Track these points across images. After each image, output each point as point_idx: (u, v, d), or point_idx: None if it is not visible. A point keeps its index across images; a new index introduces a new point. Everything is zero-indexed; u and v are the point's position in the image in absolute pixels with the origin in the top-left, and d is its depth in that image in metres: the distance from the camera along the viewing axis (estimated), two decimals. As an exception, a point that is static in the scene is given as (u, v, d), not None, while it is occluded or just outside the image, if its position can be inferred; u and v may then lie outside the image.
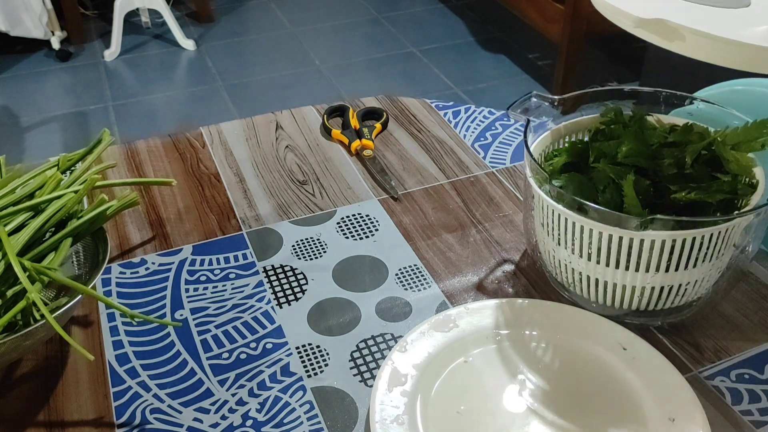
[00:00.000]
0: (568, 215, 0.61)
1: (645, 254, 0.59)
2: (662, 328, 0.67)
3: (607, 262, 0.61)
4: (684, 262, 0.60)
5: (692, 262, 0.60)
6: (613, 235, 0.59)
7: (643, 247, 0.59)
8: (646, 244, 0.59)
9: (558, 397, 0.60)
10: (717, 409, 0.60)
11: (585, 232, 0.61)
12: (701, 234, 0.58)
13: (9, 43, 2.88)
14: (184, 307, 0.70)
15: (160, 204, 0.83)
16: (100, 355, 0.65)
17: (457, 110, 1.00)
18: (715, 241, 0.59)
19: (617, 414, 0.58)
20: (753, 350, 0.65)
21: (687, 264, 0.60)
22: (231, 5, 3.30)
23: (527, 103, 0.69)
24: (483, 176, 0.87)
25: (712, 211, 0.62)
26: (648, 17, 0.56)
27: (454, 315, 0.66)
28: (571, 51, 2.43)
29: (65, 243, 0.64)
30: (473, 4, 3.29)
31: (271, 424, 0.59)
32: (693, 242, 0.59)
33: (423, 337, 0.63)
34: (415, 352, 0.62)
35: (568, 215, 0.61)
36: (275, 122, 0.97)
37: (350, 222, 0.80)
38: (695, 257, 0.60)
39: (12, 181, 0.68)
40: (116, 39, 2.84)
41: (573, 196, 0.60)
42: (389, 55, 2.89)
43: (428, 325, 0.64)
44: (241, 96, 2.62)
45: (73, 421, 0.59)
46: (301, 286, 0.72)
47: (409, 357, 0.62)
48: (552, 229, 0.64)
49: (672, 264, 0.60)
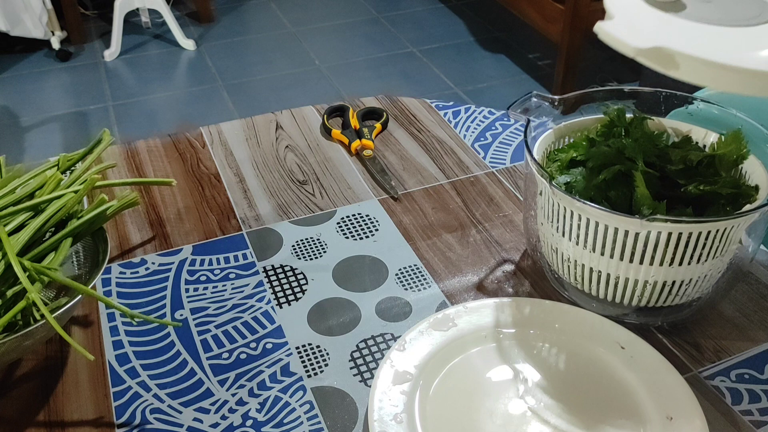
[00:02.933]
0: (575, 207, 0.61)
1: (650, 246, 0.60)
2: (662, 327, 0.67)
3: (612, 253, 0.62)
4: (688, 257, 0.60)
5: (696, 258, 0.60)
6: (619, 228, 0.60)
7: (648, 239, 0.59)
8: (653, 235, 0.59)
9: (556, 395, 0.60)
10: (717, 409, 0.60)
11: (591, 224, 0.61)
12: (707, 229, 0.58)
13: (9, 43, 2.88)
14: (184, 307, 0.70)
15: (160, 204, 0.83)
16: (100, 355, 0.65)
17: (457, 110, 1.00)
18: (720, 236, 0.59)
19: (615, 413, 0.58)
20: (753, 350, 0.65)
21: (690, 259, 0.60)
22: (231, 5, 3.30)
23: (527, 103, 0.69)
24: (483, 176, 0.87)
25: (721, 204, 0.62)
26: (646, 46, 0.56)
27: (453, 314, 0.66)
28: (571, 51, 2.43)
29: (65, 243, 0.64)
30: (473, 4, 3.29)
31: (271, 424, 0.59)
32: (699, 237, 0.59)
33: (422, 336, 0.64)
34: (414, 350, 0.62)
35: (575, 207, 0.61)
36: (275, 122, 0.97)
37: (350, 222, 0.80)
38: (699, 253, 0.60)
39: (12, 181, 0.68)
40: (116, 39, 2.84)
41: (577, 193, 0.61)
42: (389, 55, 2.88)
43: (427, 324, 0.65)
44: (241, 96, 2.62)
45: (73, 421, 0.59)
46: (301, 286, 0.72)
47: (408, 356, 0.62)
48: (557, 222, 0.64)
49: (676, 258, 0.60)
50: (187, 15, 3.20)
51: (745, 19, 0.59)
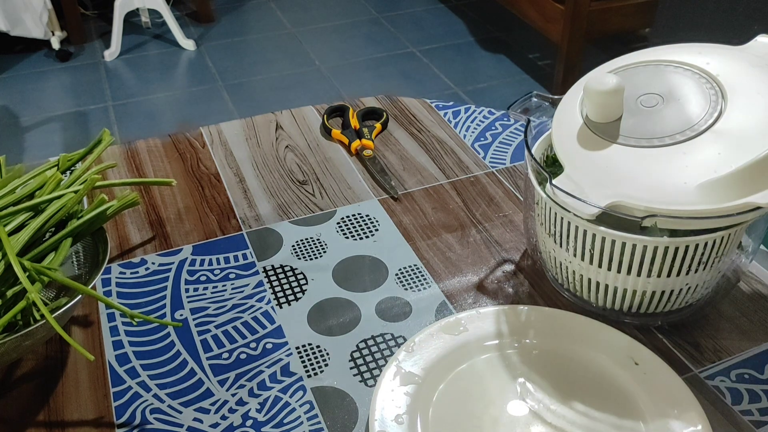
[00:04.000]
0: (569, 217, 0.61)
1: (647, 258, 0.59)
2: (662, 328, 0.67)
3: (609, 266, 0.61)
4: (686, 267, 0.60)
5: (694, 268, 0.60)
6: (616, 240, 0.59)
7: (646, 252, 0.59)
8: (650, 248, 0.59)
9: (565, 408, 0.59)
10: (717, 409, 0.59)
11: (588, 235, 0.61)
12: (704, 240, 0.58)
13: (9, 43, 2.88)
14: (184, 307, 0.69)
15: (160, 204, 0.83)
16: (100, 355, 0.65)
17: (457, 110, 1.00)
18: (719, 244, 0.59)
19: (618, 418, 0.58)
20: (753, 350, 0.65)
21: (689, 269, 0.60)
22: (231, 5, 3.30)
23: (527, 103, 0.69)
24: (483, 176, 0.87)
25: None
26: (592, 212, 0.57)
27: (465, 319, 0.65)
28: (571, 51, 2.43)
29: (65, 243, 0.64)
30: (473, 4, 3.28)
31: (271, 424, 0.59)
32: (696, 248, 0.59)
33: (431, 338, 0.63)
34: (422, 353, 0.62)
35: (569, 218, 0.61)
36: (275, 122, 0.97)
37: (350, 222, 0.80)
38: (697, 262, 0.60)
39: (12, 181, 0.68)
40: (116, 39, 2.84)
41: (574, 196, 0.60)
42: (389, 55, 2.88)
43: (437, 327, 0.64)
44: (241, 96, 2.62)
45: (73, 421, 0.59)
46: (301, 286, 0.72)
47: (416, 357, 0.62)
48: (552, 230, 0.64)
49: (674, 269, 0.60)
50: (187, 15, 3.20)
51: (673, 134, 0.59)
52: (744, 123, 0.57)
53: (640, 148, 0.58)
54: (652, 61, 0.64)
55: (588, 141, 0.61)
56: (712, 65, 0.62)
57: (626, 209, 0.57)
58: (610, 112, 0.61)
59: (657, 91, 0.62)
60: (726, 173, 0.55)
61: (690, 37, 2.00)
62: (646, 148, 0.58)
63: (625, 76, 0.63)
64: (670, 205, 0.55)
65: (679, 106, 0.60)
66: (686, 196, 0.55)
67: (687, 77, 0.62)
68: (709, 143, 0.57)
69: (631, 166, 0.58)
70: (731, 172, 0.55)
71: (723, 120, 0.58)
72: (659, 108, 0.60)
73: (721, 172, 0.55)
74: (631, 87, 0.62)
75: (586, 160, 0.60)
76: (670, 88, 0.61)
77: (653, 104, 0.61)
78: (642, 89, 0.62)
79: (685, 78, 0.62)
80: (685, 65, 0.63)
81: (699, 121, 0.58)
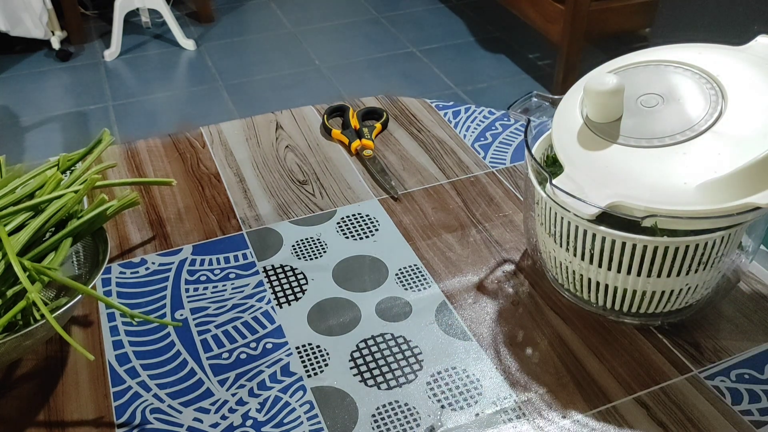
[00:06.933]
0: (569, 217, 0.61)
1: (647, 258, 0.59)
2: (662, 328, 0.67)
3: (609, 266, 0.61)
4: (686, 267, 0.60)
5: (693, 268, 0.60)
6: (616, 240, 0.59)
7: (646, 252, 0.59)
8: (650, 248, 0.59)
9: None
10: (717, 409, 0.59)
11: (588, 235, 0.61)
12: (704, 241, 0.58)
13: (9, 43, 2.88)
14: (184, 307, 0.70)
15: (160, 204, 0.83)
16: (100, 355, 0.65)
17: (457, 110, 1.00)
18: (718, 246, 0.59)
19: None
20: (753, 350, 0.65)
21: (689, 269, 0.60)
22: (231, 5, 3.30)
23: (527, 103, 0.69)
24: (483, 176, 0.87)
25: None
26: (592, 212, 0.57)
27: None
28: (571, 51, 2.43)
29: (65, 243, 0.64)
30: (473, 4, 3.28)
31: (271, 424, 0.59)
32: (696, 247, 0.59)
33: None
34: None
35: (569, 218, 0.61)
36: (275, 122, 0.97)
37: (350, 222, 0.80)
38: (697, 262, 0.60)
39: (12, 181, 0.68)
40: (116, 39, 2.84)
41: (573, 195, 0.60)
42: (389, 55, 2.88)
43: None
44: (241, 96, 2.62)
45: (73, 421, 0.59)
46: (301, 286, 0.72)
47: None
48: (552, 230, 0.64)
49: (674, 269, 0.60)
50: (187, 15, 3.20)
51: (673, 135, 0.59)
52: (744, 123, 0.57)
53: (640, 148, 0.58)
54: (652, 61, 0.64)
55: (588, 141, 0.61)
56: (712, 65, 0.62)
57: (626, 209, 0.57)
58: (610, 112, 0.61)
59: (657, 91, 0.62)
60: (726, 173, 0.55)
61: (690, 37, 2.00)
62: (646, 148, 0.58)
63: (625, 76, 0.63)
64: (670, 205, 0.55)
65: (679, 107, 0.60)
66: (686, 196, 0.55)
67: (687, 77, 0.62)
68: (709, 143, 0.57)
69: (631, 166, 0.58)
70: (731, 172, 0.55)
71: (723, 120, 0.58)
72: (659, 108, 0.60)
73: (721, 172, 0.55)
74: (631, 87, 0.62)
75: (586, 160, 0.60)
76: (670, 88, 0.61)
77: (653, 104, 0.61)
78: (642, 89, 0.62)
79: (685, 78, 0.62)
80: (685, 65, 0.63)
81: (699, 121, 0.58)
